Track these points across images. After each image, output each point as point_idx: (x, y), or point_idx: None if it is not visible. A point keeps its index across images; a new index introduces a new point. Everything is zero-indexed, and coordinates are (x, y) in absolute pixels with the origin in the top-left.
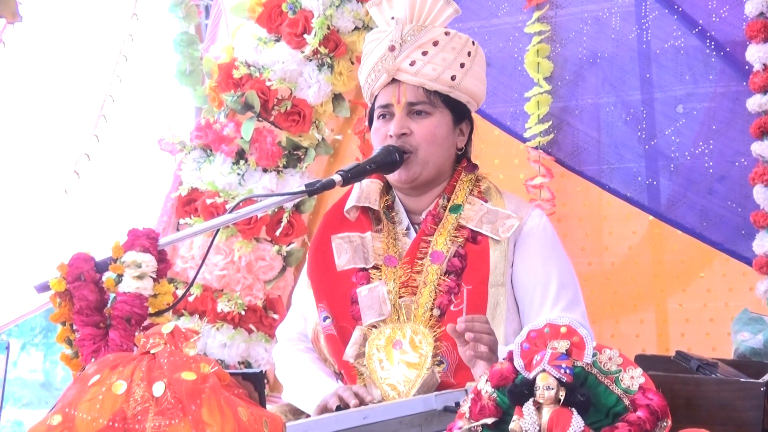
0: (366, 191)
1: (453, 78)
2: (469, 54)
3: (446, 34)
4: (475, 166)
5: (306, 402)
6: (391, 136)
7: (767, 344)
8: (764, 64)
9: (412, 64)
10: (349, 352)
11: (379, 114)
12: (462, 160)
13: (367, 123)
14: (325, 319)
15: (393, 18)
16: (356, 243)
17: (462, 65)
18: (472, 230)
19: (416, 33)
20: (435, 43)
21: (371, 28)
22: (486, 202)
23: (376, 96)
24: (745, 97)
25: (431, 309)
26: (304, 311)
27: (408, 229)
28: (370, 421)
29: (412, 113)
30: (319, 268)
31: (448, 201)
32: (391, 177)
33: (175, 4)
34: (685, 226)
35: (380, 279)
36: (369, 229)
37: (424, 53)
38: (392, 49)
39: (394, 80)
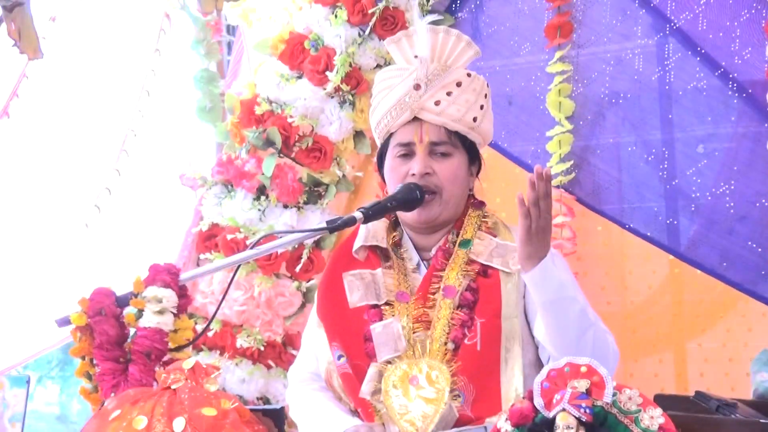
0: (373, 230)
1: (474, 120)
2: (485, 96)
3: (468, 75)
4: (483, 203)
5: None
6: (413, 174)
7: None
8: None
9: (437, 103)
10: (365, 389)
11: (398, 153)
12: (468, 197)
13: (375, 160)
14: (339, 357)
15: (416, 57)
16: (368, 280)
17: (482, 107)
18: (482, 264)
19: (441, 73)
20: (458, 84)
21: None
22: (495, 236)
23: (392, 134)
24: (765, 138)
25: (446, 343)
26: (315, 351)
27: (418, 265)
28: None
29: (435, 153)
30: (330, 306)
31: (457, 236)
32: (408, 216)
33: (197, 41)
34: (705, 266)
35: (393, 315)
36: (379, 266)
37: (449, 93)
38: (417, 87)
39: (415, 119)
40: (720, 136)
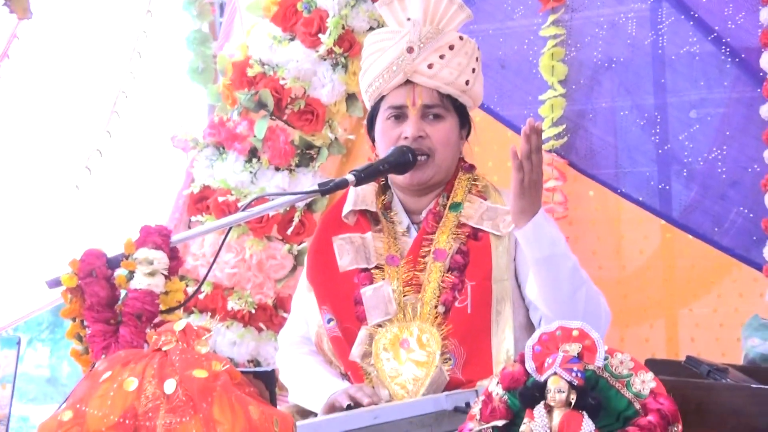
0: (362, 194)
1: (467, 83)
2: (477, 59)
3: (460, 38)
4: (473, 167)
5: (313, 401)
6: (406, 137)
7: None
8: None
9: (430, 66)
10: (356, 352)
11: (389, 115)
12: (459, 160)
13: (366, 123)
14: (329, 321)
15: (409, 19)
16: (357, 243)
17: (473, 70)
18: (473, 227)
19: (434, 36)
20: (451, 47)
21: None
22: (485, 200)
23: (383, 97)
24: (759, 104)
25: (436, 306)
26: (305, 315)
27: (408, 228)
28: (381, 421)
29: (427, 116)
30: (320, 270)
31: (448, 199)
32: (401, 178)
33: (189, 2)
34: (696, 231)
35: (383, 279)
36: (369, 229)
37: (441, 56)
38: (410, 50)
39: (408, 82)
40: (713, 101)
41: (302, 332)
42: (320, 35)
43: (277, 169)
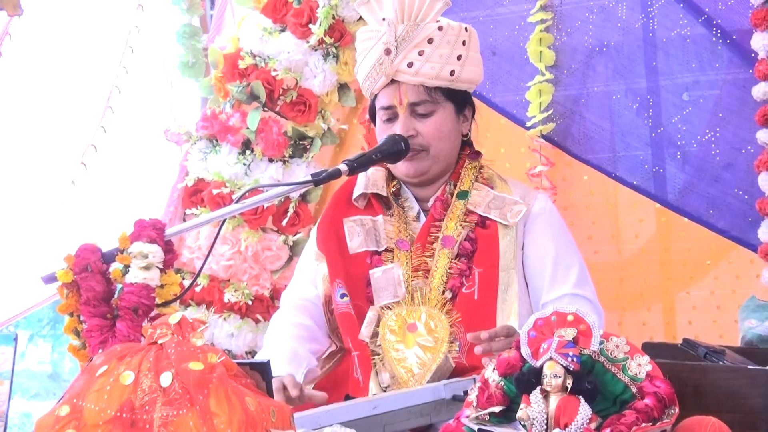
0: (372, 178)
1: (452, 73)
2: (464, 43)
3: (440, 29)
4: (479, 154)
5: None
6: (402, 129)
7: None
8: None
9: (410, 65)
10: (365, 332)
11: (383, 117)
12: (464, 146)
13: (368, 116)
14: (342, 296)
15: (384, 19)
16: (368, 226)
17: (459, 57)
18: (480, 215)
19: (410, 33)
20: (430, 41)
21: None
22: (492, 188)
23: (376, 95)
24: (751, 85)
25: (443, 292)
26: (313, 279)
27: (418, 214)
28: (380, 411)
29: (416, 114)
30: (332, 247)
31: (455, 187)
32: (399, 171)
33: None
34: (691, 213)
35: (393, 262)
36: (380, 212)
37: (421, 53)
38: (388, 52)
39: (393, 81)
40: (705, 83)
41: (306, 294)
42: (311, 26)
43: (271, 160)
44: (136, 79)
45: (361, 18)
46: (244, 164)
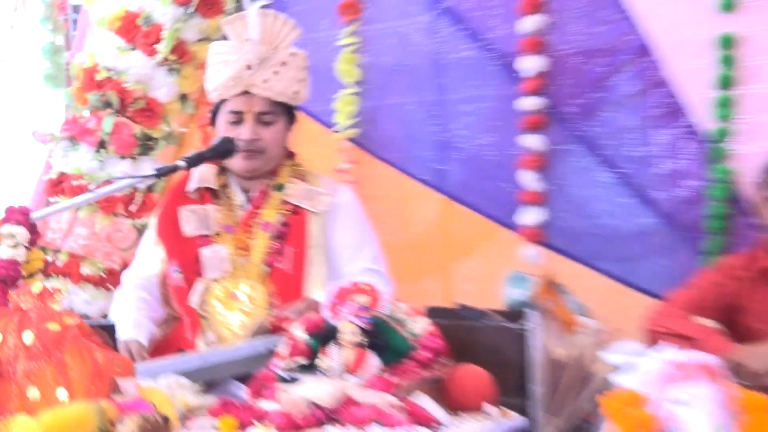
0: (204, 174)
1: (296, 93)
2: (305, 68)
3: (291, 54)
4: (294, 153)
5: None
6: (242, 139)
7: (529, 297)
8: (531, 73)
9: (265, 81)
10: (194, 300)
11: (230, 119)
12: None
13: (210, 115)
14: (176, 272)
15: (248, 39)
16: (201, 214)
17: (301, 80)
18: (294, 205)
19: (269, 55)
20: (284, 63)
21: (213, 40)
22: (304, 182)
23: (225, 100)
24: (516, 99)
25: (261, 266)
26: (151, 261)
27: (242, 204)
28: (209, 363)
29: (261, 121)
30: (169, 233)
31: (273, 181)
32: (235, 165)
33: (45, 18)
34: (468, 202)
35: (220, 244)
36: (210, 202)
37: (276, 72)
38: (249, 68)
39: (246, 92)
40: (481, 97)
41: (144, 274)
42: (157, 45)
43: (122, 157)
44: (8, 88)
45: (200, 39)
46: (100, 161)
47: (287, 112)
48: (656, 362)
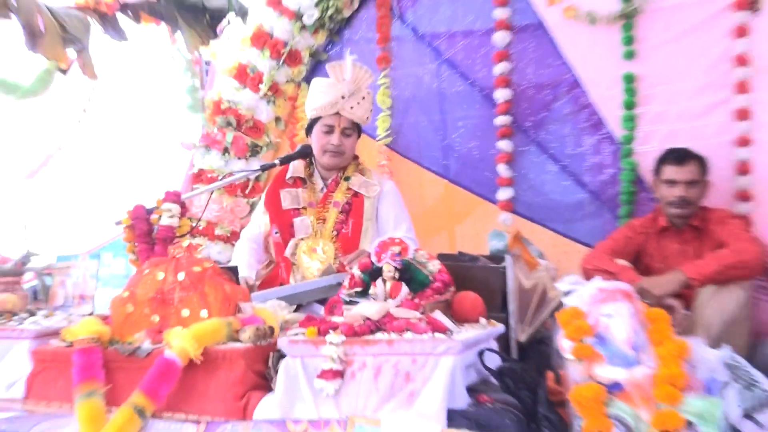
0: (297, 167)
1: (367, 118)
2: (373, 102)
3: (368, 93)
4: (357, 156)
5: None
6: (332, 144)
7: (505, 246)
8: (502, 101)
9: (351, 108)
10: (288, 252)
11: (323, 130)
12: None
13: (305, 129)
14: (276, 232)
15: (343, 79)
16: (294, 194)
17: (370, 111)
18: (355, 191)
19: (355, 90)
20: (363, 98)
21: (298, 82)
22: (363, 176)
23: (320, 117)
24: (494, 117)
25: (332, 231)
26: (259, 224)
27: (322, 188)
28: (298, 292)
29: (344, 134)
30: (273, 206)
31: (343, 173)
32: (325, 162)
33: (186, 68)
34: (463, 185)
35: (306, 215)
36: (300, 186)
37: (358, 103)
38: (342, 98)
39: (337, 113)
40: (470, 116)
41: (255, 232)
42: (260, 85)
43: (239, 158)
44: (164, 114)
45: (288, 81)
46: (224, 161)
47: (358, 129)
48: (590, 289)
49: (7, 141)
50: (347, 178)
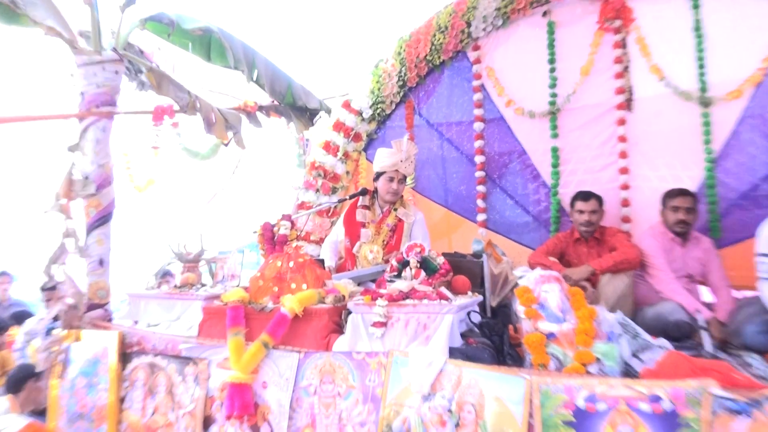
0: (364, 200)
1: (411, 172)
2: (416, 163)
3: (414, 156)
4: (402, 195)
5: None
6: (393, 189)
7: (482, 248)
8: (479, 162)
9: (405, 167)
10: (354, 250)
11: (388, 179)
12: None
13: (374, 179)
14: (347, 240)
15: (401, 150)
16: (363, 213)
17: (414, 168)
18: (399, 218)
19: (407, 157)
20: (411, 161)
21: (359, 151)
22: (405, 208)
23: (384, 171)
24: (475, 171)
25: (382, 241)
26: (338, 233)
27: (380, 213)
28: (359, 274)
29: (400, 181)
30: (350, 222)
31: (394, 205)
32: (388, 199)
33: (296, 143)
34: (456, 211)
35: (369, 228)
36: (366, 210)
37: (409, 164)
38: (401, 161)
39: (396, 170)
40: (460, 172)
41: (334, 239)
42: (338, 153)
43: (325, 194)
44: (281, 168)
45: (354, 150)
46: (316, 196)
47: (405, 179)
48: (534, 274)
49: (193, 184)
50: (395, 209)
